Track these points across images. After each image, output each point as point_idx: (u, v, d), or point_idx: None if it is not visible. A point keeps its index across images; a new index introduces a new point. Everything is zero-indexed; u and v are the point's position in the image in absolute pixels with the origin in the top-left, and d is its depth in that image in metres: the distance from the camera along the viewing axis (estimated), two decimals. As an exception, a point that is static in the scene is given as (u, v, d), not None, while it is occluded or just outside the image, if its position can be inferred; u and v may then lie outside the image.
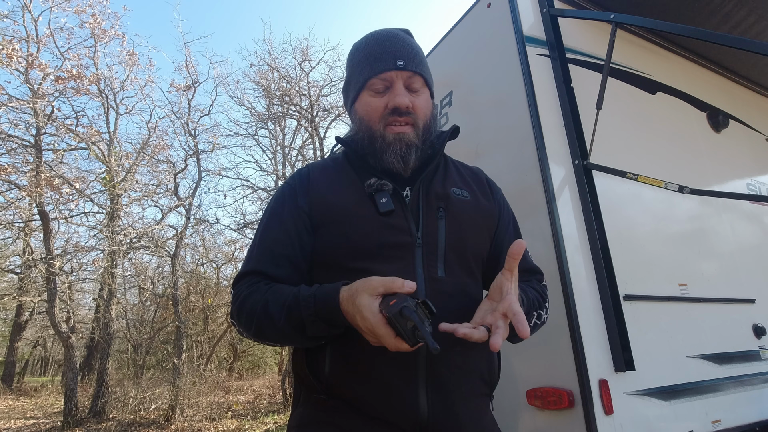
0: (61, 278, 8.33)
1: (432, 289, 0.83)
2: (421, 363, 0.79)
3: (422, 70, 0.94)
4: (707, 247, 2.34)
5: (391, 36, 0.95)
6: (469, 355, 0.85)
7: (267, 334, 0.81)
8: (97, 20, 8.76)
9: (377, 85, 0.91)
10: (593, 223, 1.85)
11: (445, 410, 0.79)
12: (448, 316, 0.80)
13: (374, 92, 0.92)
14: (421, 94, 0.94)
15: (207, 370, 11.03)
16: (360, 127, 0.94)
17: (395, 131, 0.90)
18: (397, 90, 0.90)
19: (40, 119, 7.44)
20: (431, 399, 0.78)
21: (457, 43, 2.66)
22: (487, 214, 0.97)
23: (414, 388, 0.78)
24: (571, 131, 2.00)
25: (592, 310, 1.72)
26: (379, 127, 0.90)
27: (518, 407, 1.82)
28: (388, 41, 0.93)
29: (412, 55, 0.93)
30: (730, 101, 3.00)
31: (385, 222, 0.85)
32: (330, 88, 12.29)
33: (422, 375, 0.79)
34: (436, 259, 0.86)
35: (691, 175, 2.46)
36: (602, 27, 2.40)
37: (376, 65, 0.91)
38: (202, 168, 10.38)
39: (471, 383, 0.84)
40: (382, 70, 0.90)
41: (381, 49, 0.92)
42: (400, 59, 0.91)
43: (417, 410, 0.77)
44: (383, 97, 0.91)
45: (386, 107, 0.90)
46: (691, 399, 1.82)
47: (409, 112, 0.90)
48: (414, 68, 0.92)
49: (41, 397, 12.04)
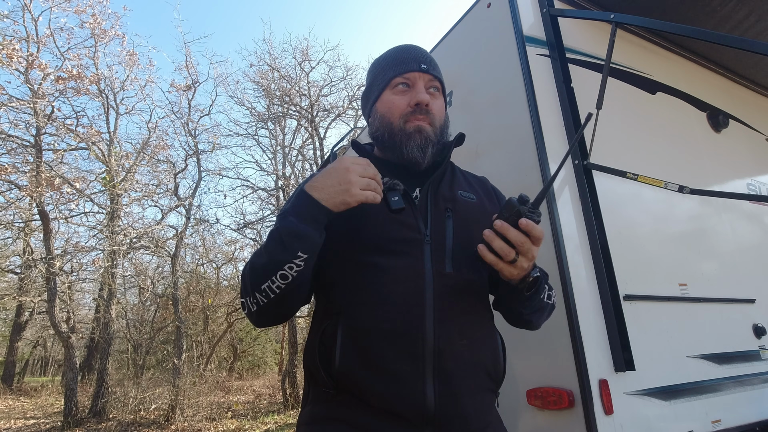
0: (61, 278, 8.33)
1: (440, 284, 0.86)
2: (428, 355, 0.81)
3: (441, 77, 1.02)
4: (707, 247, 2.34)
5: (415, 47, 1.04)
6: (476, 349, 0.87)
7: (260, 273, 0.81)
8: (97, 20, 8.77)
9: (401, 83, 0.98)
10: (593, 223, 1.86)
11: (452, 402, 0.81)
12: (455, 309, 0.85)
13: (397, 90, 0.98)
14: (438, 98, 1.01)
15: (207, 370, 11.03)
16: (381, 124, 0.99)
17: (415, 124, 0.95)
18: (419, 88, 0.97)
19: (40, 119, 7.45)
20: (438, 391, 0.80)
21: (457, 43, 2.66)
22: (491, 215, 0.99)
23: (421, 380, 0.80)
24: (571, 131, 2.00)
25: (592, 310, 1.72)
26: (399, 122, 0.96)
27: (518, 407, 1.82)
28: (413, 49, 1.03)
29: (434, 63, 1.02)
30: (731, 101, 3.00)
31: (396, 219, 0.89)
32: (330, 88, 12.32)
33: (429, 367, 0.81)
34: (444, 256, 0.89)
35: (691, 175, 2.46)
36: (602, 27, 2.40)
37: (401, 66, 0.99)
38: (202, 168, 10.39)
39: (477, 377, 0.86)
40: (407, 70, 0.97)
41: (406, 54, 1.01)
42: (424, 63, 0.99)
43: (424, 402, 0.79)
44: (405, 96, 0.97)
45: (408, 104, 0.96)
46: (691, 399, 1.82)
47: (428, 111, 0.96)
48: (435, 73, 1.00)
49: (41, 397, 12.05)
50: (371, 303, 0.84)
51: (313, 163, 11.72)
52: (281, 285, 0.79)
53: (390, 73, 0.98)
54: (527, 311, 0.91)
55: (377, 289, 0.85)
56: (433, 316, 0.82)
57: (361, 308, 0.85)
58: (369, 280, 0.86)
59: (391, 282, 0.85)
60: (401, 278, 0.85)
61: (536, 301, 0.89)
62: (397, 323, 0.82)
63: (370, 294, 0.85)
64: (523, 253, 0.77)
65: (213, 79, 20.69)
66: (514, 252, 0.76)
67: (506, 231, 0.76)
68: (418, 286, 0.84)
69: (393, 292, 0.84)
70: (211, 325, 12.83)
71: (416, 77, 0.97)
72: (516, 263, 0.77)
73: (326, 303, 0.91)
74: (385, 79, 0.99)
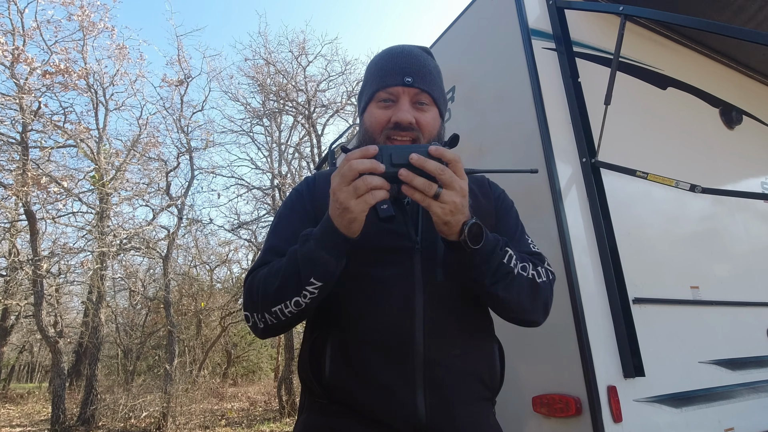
0: (48, 281, 8.33)
1: (430, 294, 0.87)
2: (418, 366, 0.82)
3: (431, 89, 0.98)
4: (720, 248, 2.33)
5: (405, 53, 1.00)
6: (469, 358, 0.88)
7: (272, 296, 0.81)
8: (86, 12, 8.77)
9: (384, 98, 0.96)
10: (601, 223, 1.85)
11: (444, 413, 0.82)
12: (448, 318, 0.86)
13: (381, 105, 0.97)
14: (428, 111, 0.97)
15: (200, 376, 11.04)
16: (364, 137, 0.99)
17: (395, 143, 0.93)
18: (402, 105, 0.94)
19: (27, 115, 7.45)
20: (429, 402, 0.81)
21: (459, 37, 2.66)
22: (486, 214, 1.01)
23: (412, 391, 0.81)
24: (578, 128, 2.00)
25: (600, 314, 1.72)
26: (380, 138, 0.95)
27: (523, 415, 1.82)
28: (400, 57, 0.99)
29: (423, 73, 0.98)
30: (744, 97, 3.00)
31: (385, 227, 0.89)
32: (328, 83, 12.33)
33: (420, 377, 0.82)
34: (435, 264, 0.89)
35: (704, 174, 2.46)
36: (611, 19, 2.40)
37: (385, 79, 0.96)
38: (195, 166, 10.41)
39: (470, 386, 0.87)
40: (390, 85, 0.95)
41: (391, 65, 0.98)
42: (409, 76, 0.95)
43: (415, 413, 0.80)
44: (388, 110, 0.96)
45: (389, 121, 0.94)
46: (703, 406, 1.82)
47: (412, 128, 0.93)
48: (421, 86, 0.96)
49: (28, 405, 12.05)
50: (360, 314, 0.86)
51: (310, 161, 11.73)
52: (293, 310, 0.81)
53: (374, 86, 0.98)
54: (489, 281, 0.82)
55: (366, 300, 0.86)
56: (423, 327, 0.84)
57: (350, 320, 0.87)
58: (358, 290, 0.87)
59: (380, 293, 0.86)
60: (390, 289, 0.86)
61: (494, 265, 0.81)
62: (387, 335, 0.83)
63: (359, 305, 0.87)
64: (445, 183, 0.73)
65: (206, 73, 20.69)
66: (435, 185, 0.73)
67: (423, 163, 0.72)
68: (408, 297, 0.85)
69: (382, 303, 0.85)
70: (204, 329, 12.84)
71: (399, 92, 0.95)
72: (441, 197, 0.73)
73: (317, 313, 0.93)
74: (371, 90, 0.99)
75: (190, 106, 11.62)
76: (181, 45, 15.27)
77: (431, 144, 0.75)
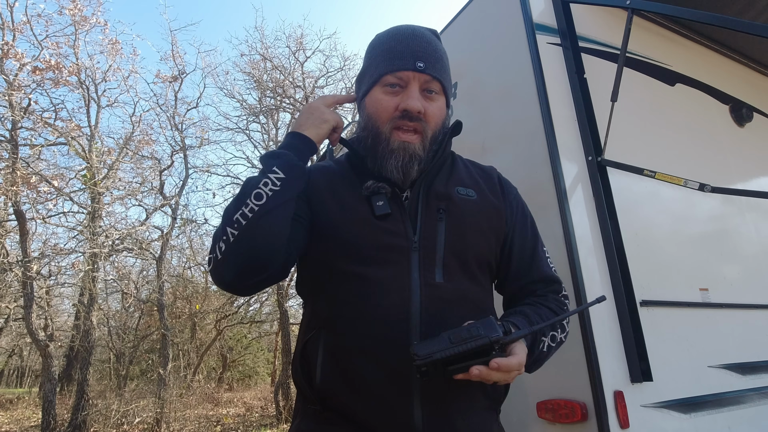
0: (38, 283, 8.33)
1: (428, 295, 0.83)
2: (413, 373, 0.78)
3: (442, 76, 0.93)
4: (730, 249, 2.34)
5: (417, 34, 0.94)
6: None
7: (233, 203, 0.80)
8: (78, 6, 8.76)
9: (391, 82, 0.91)
10: (608, 223, 1.86)
11: (443, 425, 0.79)
12: (447, 322, 0.80)
13: (387, 90, 0.92)
14: (436, 101, 0.93)
15: (195, 381, 11.04)
16: (367, 125, 0.94)
17: (401, 138, 0.90)
18: (411, 92, 0.90)
19: (16, 112, 7.45)
20: (426, 412, 0.78)
21: (462, 31, 2.66)
22: (494, 214, 0.97)
23: (407, 400, 0.78)
24: (584, 125, 2.01)
25: (606, 317, 1.72)
26: (386, 128, 0.90)
27: (528, 420, 1.82)
28: (412, 39, 0.93)
29: (435, 58, 0.93)
30: (755, 93, 3.00)
31: (381, 225, 0.87)
32: (326, 79, 12.32)
33: (416, 386, 0.79)
34: (434, 264, 0.86)
35: (713, 173, 2.46)
36: (618, 14, 2.40)
37: (394, 62, 0.91)
38: (190, 165, 10.40)
39: (470, 396, 0.84)
40: (400, 68, 0.90)
41: (402, 47, 0.92)
42: (421, 61, 0.90)
43: (411, 424, 0.78)
44: (396, 97, 0.91)
45: (397, 108, 0.90)
46: (712, 412, 1.82)
47: (419, 118, 0.89)
48: (433, 73, 0.91)
49: (17, 410, 12.04)
50: (353, 318, 0.82)
51: (308, 160, 11.71)
52: (255, 207, 0.78)
53: (381, 68, 0.92)
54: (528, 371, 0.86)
55: (360, 302, 0.83)
56: (420, 332, 0.80)
57: (343, 323, 0.83)
58: (352, 292, 0.84)
59: (374, 295, 0.82)
60: (385, 290, 0.83)
61: (532, 361, 0.85)
62: (380, 341, 0.80)
63: (352, 308, 0.83)
64: (507, 379, 0.77)
65: (201, 69, 20.63)
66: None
67: (487, 376, 0.72)
68: (403, 299, 0.82)
69: (376, 306, 0.82)
70: (199, 332, 12.84)
71: (410, 77, 0.90)
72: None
73: (310, 314, 0.91)
74: (377, 73, 0.93)
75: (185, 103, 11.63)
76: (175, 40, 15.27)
77: (478, 333, 0.72)
